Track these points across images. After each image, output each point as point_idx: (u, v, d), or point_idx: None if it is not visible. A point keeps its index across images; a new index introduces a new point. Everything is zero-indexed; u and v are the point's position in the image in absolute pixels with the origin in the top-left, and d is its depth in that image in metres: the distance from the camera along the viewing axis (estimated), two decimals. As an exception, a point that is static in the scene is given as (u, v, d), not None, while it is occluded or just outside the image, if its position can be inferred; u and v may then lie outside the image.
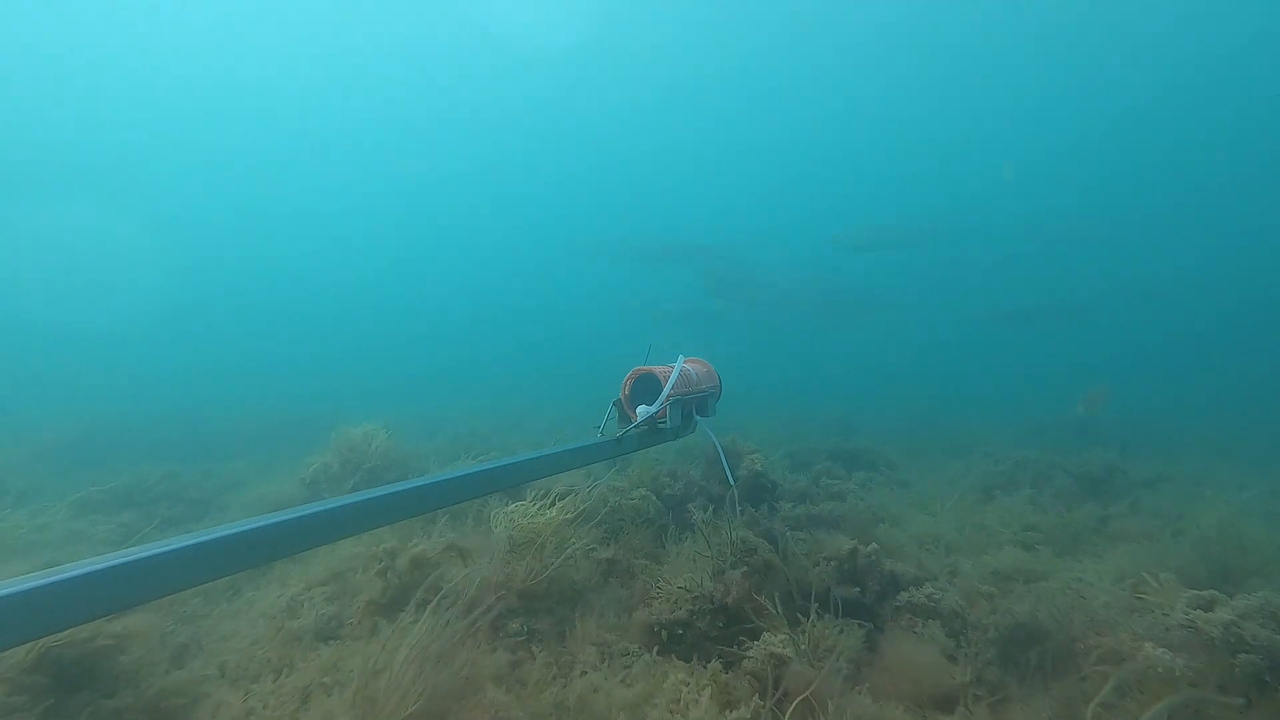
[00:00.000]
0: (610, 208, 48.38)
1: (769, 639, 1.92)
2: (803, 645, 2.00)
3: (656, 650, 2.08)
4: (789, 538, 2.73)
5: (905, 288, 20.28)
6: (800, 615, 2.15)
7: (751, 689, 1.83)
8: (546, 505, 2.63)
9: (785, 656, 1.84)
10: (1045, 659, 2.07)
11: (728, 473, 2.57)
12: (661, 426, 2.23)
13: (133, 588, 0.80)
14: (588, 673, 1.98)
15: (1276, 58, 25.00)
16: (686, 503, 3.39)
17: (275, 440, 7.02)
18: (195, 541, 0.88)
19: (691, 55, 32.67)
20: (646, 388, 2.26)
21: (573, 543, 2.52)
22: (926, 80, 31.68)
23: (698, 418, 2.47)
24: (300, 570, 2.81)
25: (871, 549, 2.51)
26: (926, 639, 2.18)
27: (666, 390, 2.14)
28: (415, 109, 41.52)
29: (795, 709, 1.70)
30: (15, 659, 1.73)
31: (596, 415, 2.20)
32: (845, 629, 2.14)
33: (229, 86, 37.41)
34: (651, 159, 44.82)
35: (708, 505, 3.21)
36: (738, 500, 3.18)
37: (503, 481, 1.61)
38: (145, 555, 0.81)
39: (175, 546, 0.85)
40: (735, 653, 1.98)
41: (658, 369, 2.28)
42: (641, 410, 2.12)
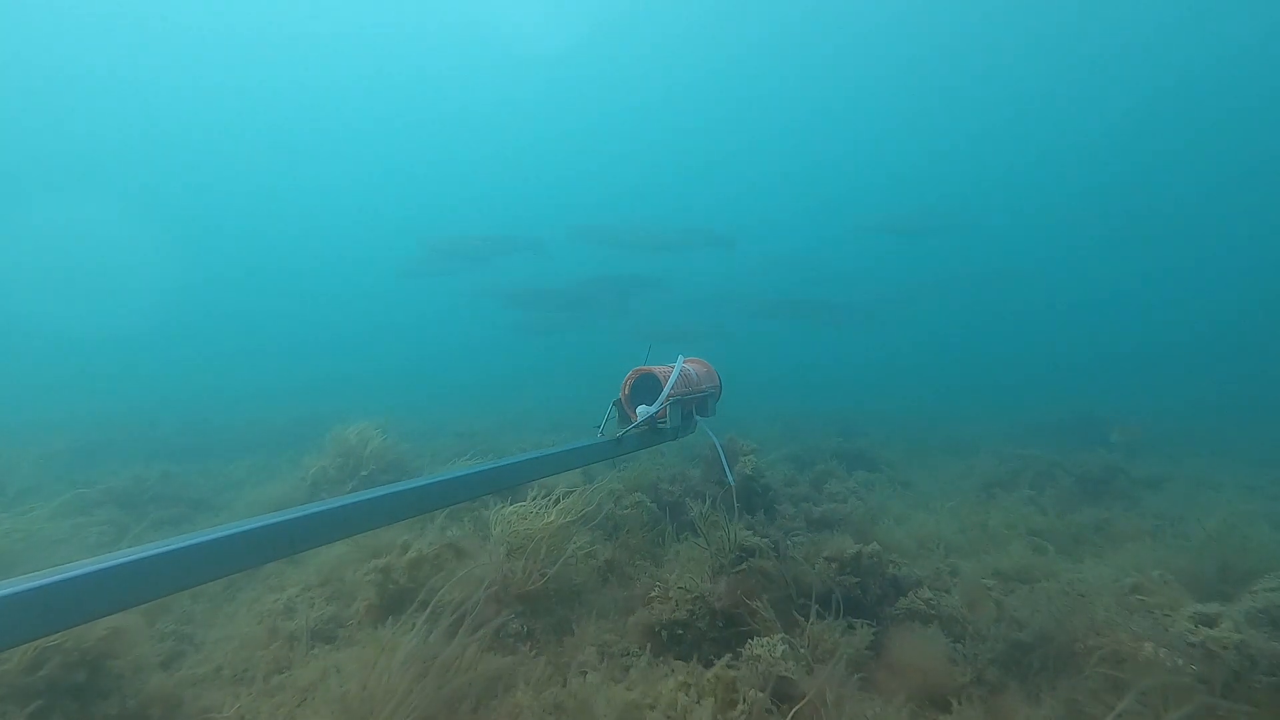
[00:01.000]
0: (610, 207, 48.36)
1: (757, 644, 1.88)
2: (802, 648, 1.99)
3: (656, 651, 2.07)
4: (788, 540, 2.72)
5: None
6: (800, 616, 2.14)
7: (749, 690, 1.82)
8: (546, 507, 2.62)
9: (773, 661, 1.81)
10: (1047, 660, 2.06)
11: (727, 472, 2.57)
12: (661, 426, 2.22)
13: (132, 588, 0.80)
14: (587, 673, 1.98)
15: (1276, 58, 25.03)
16: (685, 504, 3.38)
17: (275, 440, 7.02)
18: (195, 541, 0.87)
19: (690, 56, 32.70)
20: (646, 388, 2.25)
21: (570, 545, 2.51)
22: (923, 79, 31.69)
23: (698, 418, 2.47)
24: (297, 572, 2.80)
25: (872, 549, 2.50)
26: (927, 640, 2.18)
27: (666, 390, 2.14)
28: (414, 109, 41.56)
29: (796, 709, 1.69)
30: (11, 660, 1.73)
31: (596, 415, 2.19)
32: (846, 630, 2.13)
33: (228, 87, 37.46)
34: (650, 155, 44.85)
35: (707, 504, 3.19)
36: (735, 501, 3.17)
37: (502, 481, 1.61)
38: (145, 555, 0.81)
39: (175, 546, 0.85)
40: (735, 665, 1.95)
41: (658, 369, 2.28)
42: (641, 410, 2.11)
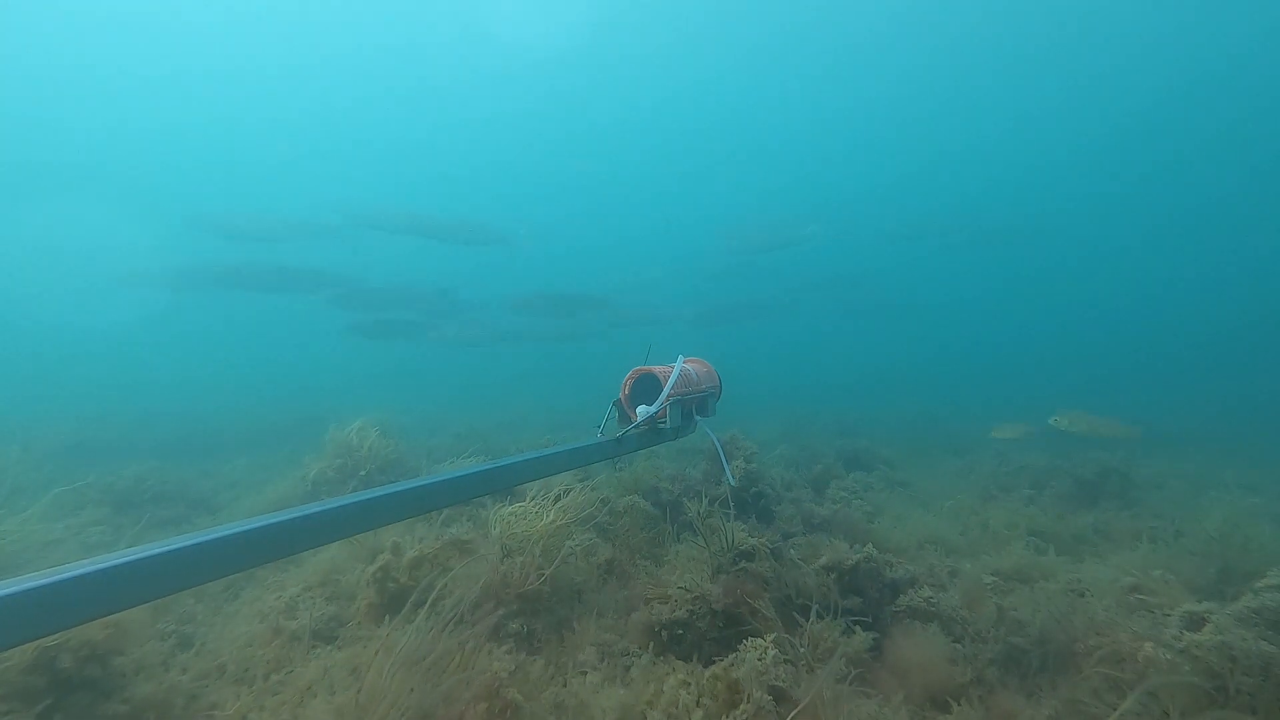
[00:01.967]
0: (609, 207, 48.37)
1: (748, 647, 1.84)
2: (802, 648, 1.99)
3: (656, 651, 2.07)
4: (787, 542, 2.72)
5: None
6: (799, 616, 2.14)
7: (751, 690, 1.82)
8: (544, 506, 2.62)
9: (763, 669, 1.77)
10: (1046, 660, 2.07)
11: (727, 472, 2.57)
12: (661, 426, 2.22)
13: (133, 588, 0.80)
14: (587, 673, 1.98)
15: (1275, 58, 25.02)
16: (685, 504, 3.38)
17: (275, 439, 7.02)
18: (195, 541, 0.87)
19: (688, 58, 32.72)
20: (646, 388, 2.25)
21: (568, 545, 2.51)
22: (926, 82, 31.69)
23: (698, 417, 2.47)
24: (297, 572, 2.80)
25: (871, 551, 2.50)
26: (926, 640, 2.18)
27: (666, 390, 2.14)
28: (413, 110, 41.57)
29: (794, 714, 1.69)
30: (12, 660, 1.73)
31: (597, 414, 2.20)
32: (845, 630, 2.13)
33: (227, 87, 37.43)
34: (649, 160, 44.85)
35: (706, 504, 3.19)
36: (734, 502, 3.17)
37: (502, 481, 1.61)
38: (145, 555, 0.81)
39: (175, 546, 0.85)
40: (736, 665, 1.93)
41: (658, 369, 2.28)
42: (641, 410, 2.11)
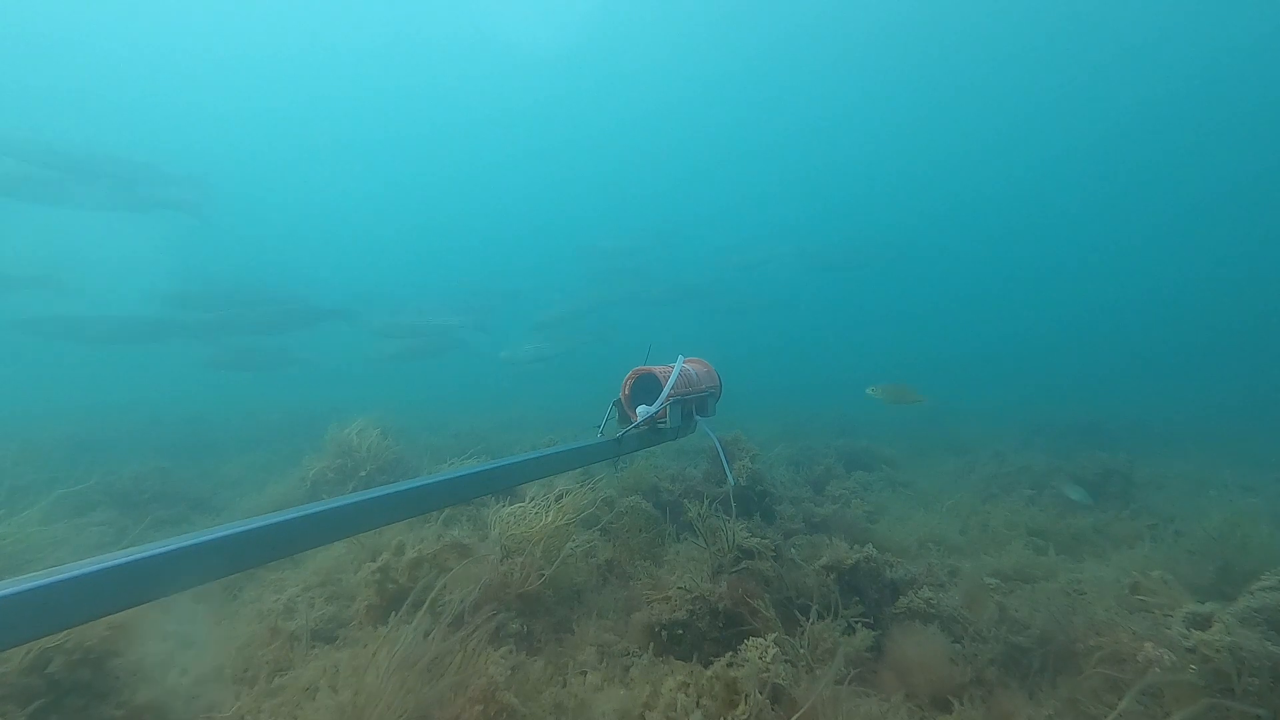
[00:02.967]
0: (607, 207, 48.35)
1: (750, 646, 1.83)
2: (801, 649, 1.99)
3: (657, 651, 2.07)
4: (788, 542, 2.72)
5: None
6: (799, 616, 2.14)
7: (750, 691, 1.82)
8: (544, 507, 2.61)
9: (764, 666, 1.76)
10: (1047, 660, 2.06)
11: (727, 472, 2.57)
12: (661, 426, 2.22)
13: (133, 588, 0.80)
14: (587, 673, 1.98)
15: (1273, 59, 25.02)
16: (685, 505, 3.37)
17: (274, 438, 7.01)
18: (195, 541, 0.87)
19: (687, 57, 32.69)
20: (646, 388, 2.25)
21: (568, 545, 2.50)
22: (924, 82, 31.67)
23: (698, 417, 2.47)
24: (297, 572, 2.79)
25: (870, 551, 2.50)
26: (927, 640, 2.18)
27: (666, 390, 2.14)
28: (412, 109, 41.54)
29: (797, 716, 1.69)
30: (11, 661, 1.72)
31: (596, 415, 2.20)
32: (846, 630, 2.13)
33: (226, 86, 37.42)
34: (649, 161, 44.84)
35: (706, 504, 3.19)
36: (735, 501, 3.16)
37: (502, 481, 1.61)
38: (145, 555, 0.81)
39: (175, 546, 0.85)
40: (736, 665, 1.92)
41: (658, 369, 2.28)
42: (641, 410, 2.11)
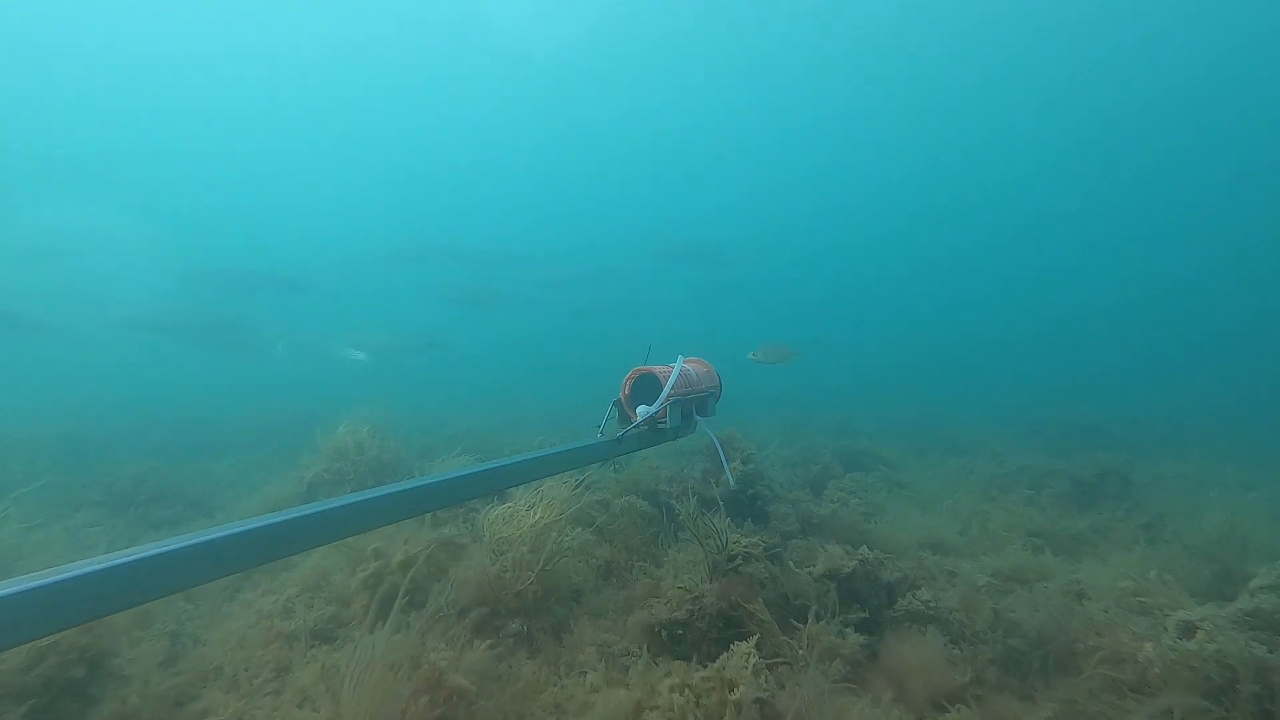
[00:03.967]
0: (606, 206, 48.42)
1: (738, 648, 1.81)
2: (800, 649, 1.99)
3: (655, 651, 2.07)
4: (785, 544, 2.72)
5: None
6: (795, 621, 2.14)
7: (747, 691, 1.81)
8: (533, 505, 2.60)
9: (743, 676, 1.74)
10: (1046, 661, 2.06)
11: (727, 472, 2.57)
12: (661, 426, 2.22)
13: (132, 588, 0.80)
14: (586, 673, 1.98)
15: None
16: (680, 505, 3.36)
17: (272, 438, 6.99)
18: (195, 541, 0.87)
19: (687, 55, 32.69)
20: (646, 388, 2.25)
21: (560, 542, 2.50)
22: (930, 84, 31.70)
23: (698, 417, 2.47)
24: (294, 573, 2.79)
25: (868, 553, 2.49)
26: (924, 642, 2.18)
27: (666, 390, 2.14)
28: (412, 106, 41.51)
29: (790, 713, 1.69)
30: (9, 661, 1.72)
31: (596, 415, 2.19)
32: (842, 632, 2.13)
33: (225, 84, 37.40)
34: (648, 156, 44.88)
35: (694, 504, 3.18)
36: (733, 501, 3.17)
37: (502, 482, 1.61)
38: (145, 555, 0.81)
39: (175, 546, 0.84)
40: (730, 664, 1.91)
41: (657, 369, 2.28)
42: (641, 410, 2.11)
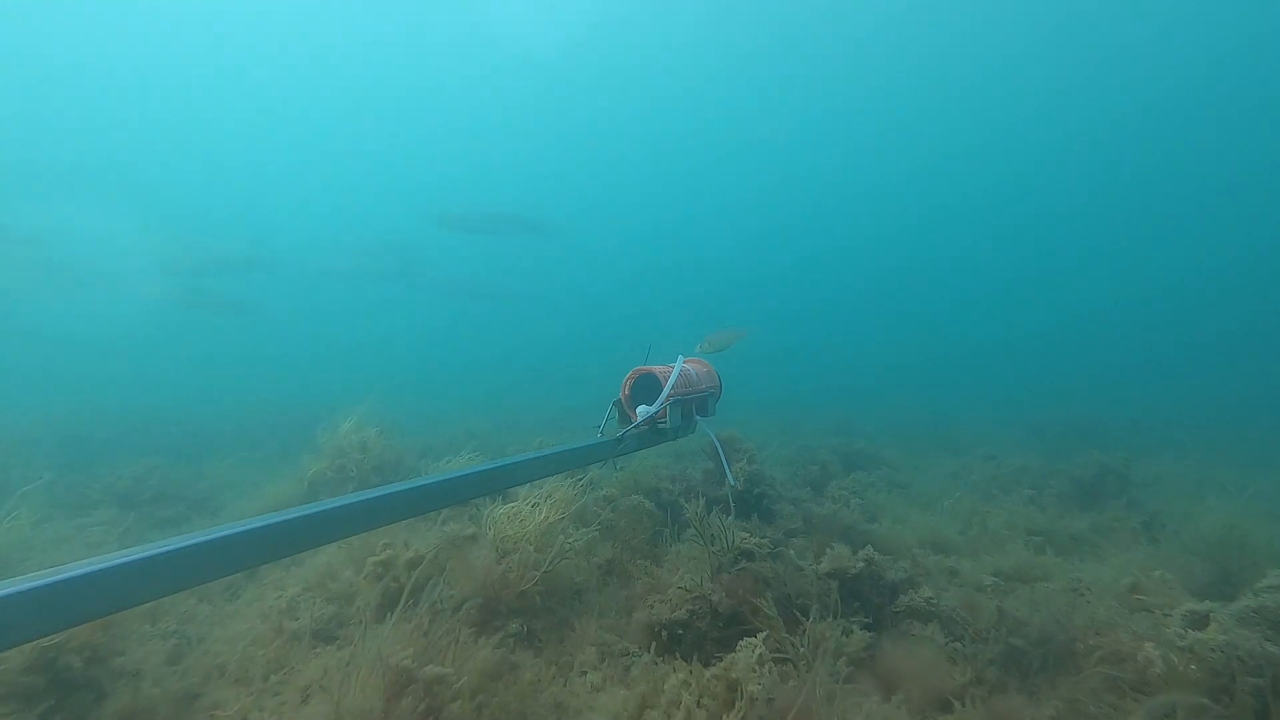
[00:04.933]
0: (605, 206, 48.44)
1: (745, 644, 1.80)
2: (802, 647, 1.99)
3: (657, 650, 2.07)
4: (787, 541, 2.72)
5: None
6: (800, 616, 2.14)
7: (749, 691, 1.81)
8: (538, 504, 2.61)
9: (747, 673, 1.73)
10: (1047, 660, 2.06)
11: (727, 472, 2.57)
12: (661, 427, 2.22)
13: (132, 588, 0.80)
14: (587, 673, 1.98)
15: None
16: (685, 504, 3.37)
17: (272, 438, 7.00)
18: (195, 541, 0.87)
19: (687, 55, 32.71)
20: (646, 388, 2.26)
21: (563, 542, 2.50)
22: (931, 84, 31.73)
23: (698, 417, 2.47)
24: (298, 572, 2.79)
25: (870, 552, 2.49)
26: (926, 640, 2.18)
27: (666, 390, 2.14)
28: (412, 106, 41.53)
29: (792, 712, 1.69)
30: (12, 660, 1.72)
31: (596, 415, 2.20)
32: (846, 630, 2.13)
33: (225, 85, 37.42)
34: (647, 156, 44.91)
35: (703, 503, 3.19)
36: (734, 501, 3.17)
37: (502, 482, 1.61)
38: (145, 555, 0.81)
39: (175, 546, 0.84)
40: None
41: (658, 369, 2.28)
42: (642, 410, 2.12)
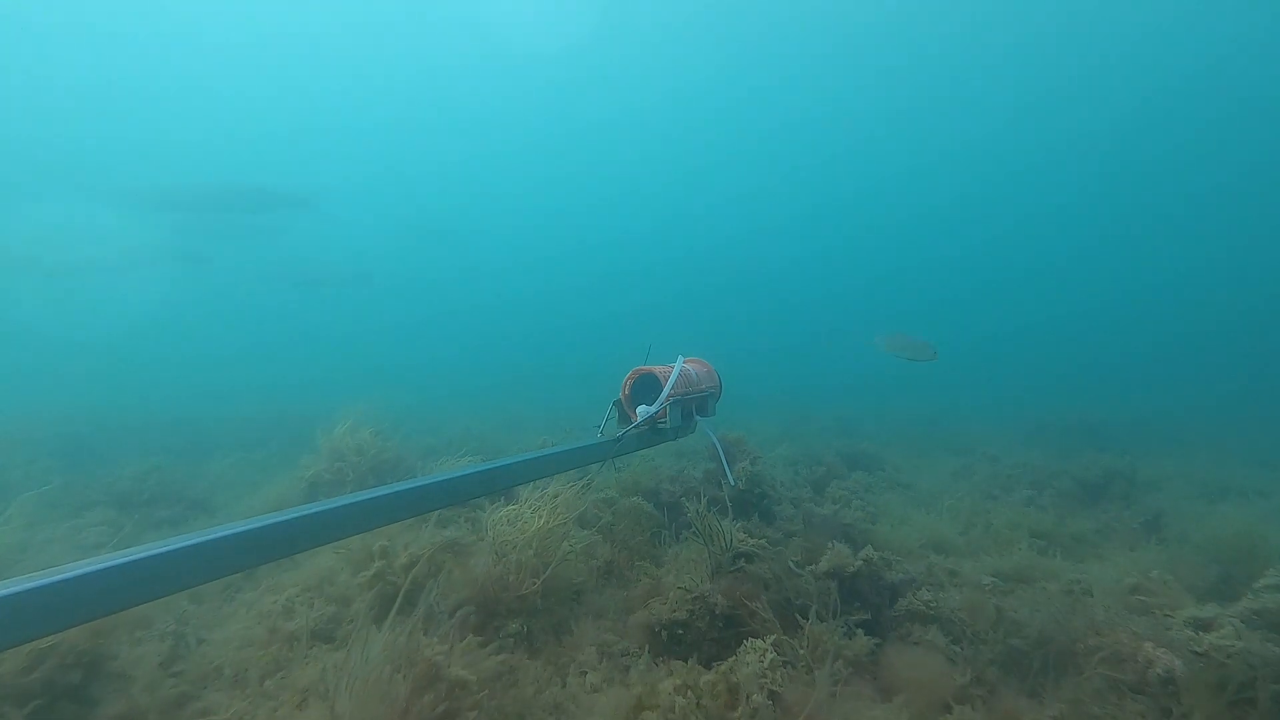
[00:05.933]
0: (606, 204, 48.51)
1: (749, 647, 1.81)
2: (801, 650, 1.99)
3: (656, 651, 2.07)
4: (788, 542, 2.72)
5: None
6: (799, 618, 2.14)
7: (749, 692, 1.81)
8: (538, 509, 2.60)
9: (761, 671, 1.74)
10: (1048, 661, 2.06)
11: (727, 472, 2.57)
12: (661, 426, 2.23)
13: (132, 588, 0.80)
14: (587, 673, 1.98)
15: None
16: (685, 505, 3.37)
17: (271, 438, 6.99)
18: (195, 541, 0.87)
19: (688, 55, 32.74)
20: (646, 388, 2.26)
21: (564, 546, 2.50)
22: (931, 84, 31.75)
23: (698, 417, 2.47)
24: (295, 573, 2.79)
25: (871, 554, 2.49)
26: (926, 642, 2.18)
27: (666, 390, 2.14)
28: (411, 105, 41.57)
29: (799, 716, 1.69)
30: (8, 662, 1.72)
31: (596, 415, 2.20)
32: (846, 633, 2.13)
33: (225, 82, 37.42)
34: (647, 156, 44.97)
35: (704, 504, 3.18)
36: (734, 502, 3.16)
37: (502, 482, 1.61)
38: (145, 555, 0.81)
39: (175, 546, 0.85)
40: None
41: (658, 369, 2.28)
42: (642, 410, 2.12)
